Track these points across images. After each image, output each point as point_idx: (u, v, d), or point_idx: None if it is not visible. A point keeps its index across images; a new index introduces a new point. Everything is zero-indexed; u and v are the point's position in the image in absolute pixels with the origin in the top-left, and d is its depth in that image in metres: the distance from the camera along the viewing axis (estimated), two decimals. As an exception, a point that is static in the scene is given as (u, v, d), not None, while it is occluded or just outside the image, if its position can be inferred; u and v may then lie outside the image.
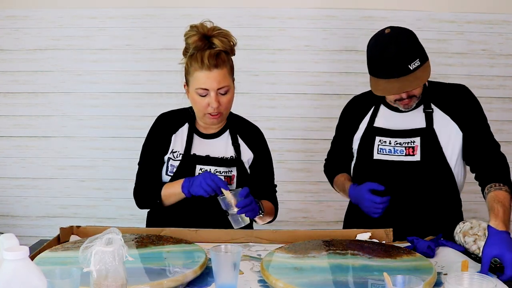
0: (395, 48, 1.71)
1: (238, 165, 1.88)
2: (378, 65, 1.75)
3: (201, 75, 1.77)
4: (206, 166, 1.85)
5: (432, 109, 1.86)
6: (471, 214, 2.91)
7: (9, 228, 2.96)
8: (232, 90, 1.83)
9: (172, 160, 1.87)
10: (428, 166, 1.83)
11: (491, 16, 2.81)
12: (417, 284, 1.13)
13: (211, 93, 1.78)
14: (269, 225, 2.97)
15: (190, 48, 1.80)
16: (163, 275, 1.36)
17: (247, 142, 1.93)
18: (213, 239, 1.69)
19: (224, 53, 1.80)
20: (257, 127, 2.00)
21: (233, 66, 1.85)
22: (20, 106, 2.94)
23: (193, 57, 1.79)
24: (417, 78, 1.73)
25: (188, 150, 1.87)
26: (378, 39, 1.78)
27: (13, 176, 2.99)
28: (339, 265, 1.43)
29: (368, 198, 1.82)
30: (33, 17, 2.87)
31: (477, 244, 1.60)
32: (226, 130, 1.92)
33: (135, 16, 2.83)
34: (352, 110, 2.02)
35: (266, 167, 1.97)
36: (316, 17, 2.84)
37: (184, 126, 1.92)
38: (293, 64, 2.87)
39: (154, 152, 1.91)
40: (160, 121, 1.95)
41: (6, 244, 1.12)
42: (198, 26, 1.80)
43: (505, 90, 2.87)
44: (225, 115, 1.87)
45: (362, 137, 1.93)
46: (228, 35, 1.81)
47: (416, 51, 1.74)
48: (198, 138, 1.90)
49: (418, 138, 1.84)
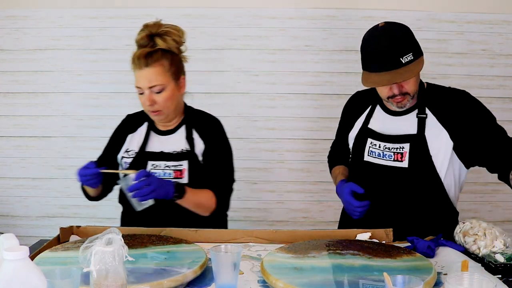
0: (387, 41, 1.70)
1: (190, 159, 1.89)
2: (370, 58, 1.74)
3: (136, 74, 1.83)
4: (157, 162, 1.89)
5: (426, 115, 1.82)
6: (471, 214, 2.92)
7: (9, 228, 2.96)
8: (170, 89, 1.85)
9: (125, 158, 1.93)
10: (416, 173, 1.80)
11: (491, 16, 2.81)
12: (417, 284, 1.13)
13: (145, 91, 1.82)
14: (269, 225, 2.99)
15: (136, 45, 1.86)
16: (163, 275, 1.36)
17: (200, 133, 1.94)
18: (213, 239, 1.69)
19: (163, 51, 1.83)
20: (215, 118, 2.01)
21: (175, 64, 1.86)
22: (20, 106, 2.94)
23: (132, 55, 1.84)
24: (407, 71, 1.70)
25: (143, 147, 1.92)
26: (372, 32, 1.76)
27: (13, 176, 3.00)
28: (339, 265, 1.43)
29: (347, 199, 1.84)
30: (33, 17, 2.87)
31: (477, 244, 1.60)
32: (183, 125, 1.95)
33: (135, 16, 2.83)
34: (352, 106, 2.02)
35: (217, 157, 1.93)
36: (316, 17, 2.84)
37: (143, 125, 1.98)
38: (293, 64, 2.87)
39: (107, 151, 2.01)
40: (122, 122, 2.05)
41: (6, 244, 1.12)
42: (149, 25, 1.85)
43: (505, 90, 2.87)
44: (167, 112, 1.88)
45: (356, 136, 1.93)
46: (172, 34, 1.84)
47: (409, 45, 1.72)
48: (155, 135, 1.95)
49: (407, 144, 1.81)
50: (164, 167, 1.88)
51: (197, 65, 2.85)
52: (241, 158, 2.93)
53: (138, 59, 1.80)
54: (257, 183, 2.96)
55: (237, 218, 2.96)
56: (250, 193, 2.96)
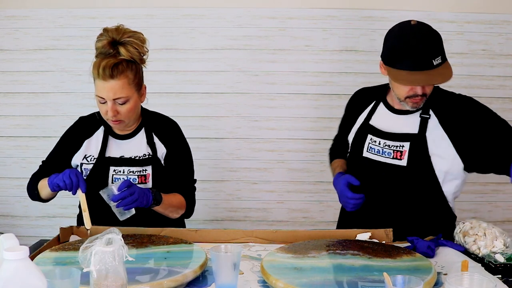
0: (423, 40, 1.69)
1: (153, 163, 1.89)
2: (402, 54, 1.71)
3: (98, 84, 1.78)
4: (119, 167, 1.87)
5: (429, 115, 1.82)
6: (471, 214, 2.92)
7: (9, 228, 2.96)
8: (134, 99, 1.82)
9: (85, 164, 1.89)
10: (414, 173, 1.80)
11: (491, 16, 2.81)
12: (417, 284, 1.13)
13: (108, 102, 1.78)
14: (269, 225, 2.99)
15: (97, 52, 1.81)
16: (163, 275, 1.36)
17: (160, 137, 1.93)
18: (213, 239, 1.70)
19: (128, 62, 1.79)
20: (173, 121, 2.00)
21: (138, 75, 1.83)
22: (20, 106, 2.93)
23: (94, 63, 1.79)
24: (440, 74, 1.70)
25: (102, 152, 1.89)
26: (405, 29, 1.74)
27: (13, 176, 2.99)
28: (339, 265, 1.43)
29: (342, 190, 1.85)
30: (33, 17, 2.87)
31: (477, 244, 1.60)
32: (141, 129, 1.93)
33: (135, 16, 2.83)
34: (356, 101, 2.02)
35: (179, 160, 1.94)
36: (316, 17, 2.84)
37: (99, 130, 1.94)
38: (293, 64, 2.87)
39: (59, 154, 1.94)
40: (76, 125, 1.99)
41: (6, 244, 1.12)
42: (110, 30, 1.80)
43: (505, 90, 2.87)
44: (128, 121, 1.86)
45: (357, 132, 1.93)
46: (136, 44, 1.80)
47: (440, 48, 1.72)
48: (113, 140, 1.92)
49: (407, 143, 1.81)
50: (128, 172, 1.86)
51: (197, 65, 2.88)
52: (241, 158, 2.94)
53: (103, 70, 1.75)
54: (257, 183, 2.96)
55: (237, 218, 2.96)
56: (250, 193, 2.96)
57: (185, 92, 2.89)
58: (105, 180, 1.85)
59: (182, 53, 2.87)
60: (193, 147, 2.01)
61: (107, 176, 1.86)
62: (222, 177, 2.95)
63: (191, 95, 2.89)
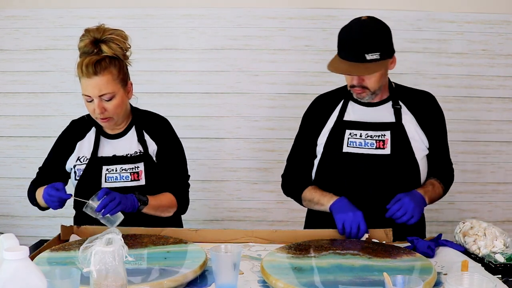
0: (360, 34, 1.76)
1: (145, 160, 1.89)
2: (340, 43, 1.83)
3: (83, 82, 1.80)
4: (112, 166, 1.88)
5: (400, 106, 1.90)
6: (471, 214, 2.92)
7: (9, 228, 2.95)
8: (120, 95, 1.83)
9: (78, 165, 1.91)
10: (398, 160, 1.85)
11: (491, 16, 2.81)
12: (417, 284, 1.13)
13: (94, 99, 1.80)
14: (269, 225, 2.99)
15: (80, 52, 1.82)
16: (163, 275, 1.36)
17: (151, 134, 1.94)
18: (213, 239, 1.70)
19: (111, 58, 1.80)
20: (163, 118, 2.01)
21: (123, 71, 1.84)
22: (20, 106, 2.93)
23: (78, 63, 1.80)
24: (366, 68, 1.76)
25: (94, 153, 1.90)
26: (353, 21, 1.84)
27: (13, 176, 2.99)
28: (339, 265, 1.43)
29: (360, 222, 1.73)
30: (33, 17, 2.87)
31: (477, 244, 1.60)
32: (132, 127, 1.94)
33: (135, 16, 2.83)
34: (318, 108, 2.03)
35: (170, 157, 1.95)
36: (316, 17, 2.84)
37: (91, 131, 1.95)
38: (293, 64, 2.87)
39: (54, 160, 1.96)
40: (67, 129, 2.01)
41: (6, 244, 1.12)
42: (91, 30, 1.81)
43: (505, 90, 2.87)
44: (117, 118, 1.87)
45: (331, 131, 1.93)
46: (118, 41, 1.81)
47: (379, 45, 1.77)
48: (105, 140, 1.93)
49: (388, 131, 1.86)
50: (120, 170, 1.87)
51: (196, 65, 2.88)
52: (241, 158, 2.94)
53: (86, 68, 1.76)
54: (257, 183, 2.96)
55: (237, 218, 2.96)
56: (250, 193, 2.96)
57: (185, 92, 2.89)
58: (98, 180, 1.86)
59: (182, 53, 2.87)
60: (193, 147, 2.01)
61: (100, 176, 1.87)
62: (222, 177, 2.95)
63: (191, 95, 2.89)
